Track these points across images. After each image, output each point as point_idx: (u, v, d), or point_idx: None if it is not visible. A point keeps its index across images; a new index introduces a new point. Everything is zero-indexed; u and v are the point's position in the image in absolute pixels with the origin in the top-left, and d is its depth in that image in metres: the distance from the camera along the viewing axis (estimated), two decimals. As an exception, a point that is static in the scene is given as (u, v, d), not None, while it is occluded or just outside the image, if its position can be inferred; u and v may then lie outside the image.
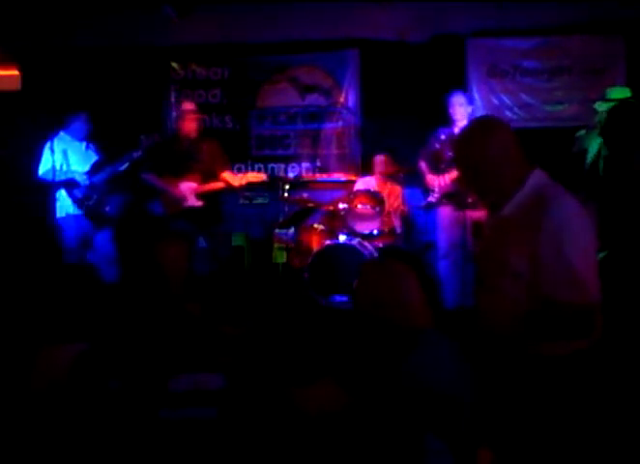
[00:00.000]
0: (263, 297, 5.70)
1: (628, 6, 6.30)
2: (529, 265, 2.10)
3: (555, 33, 6.66)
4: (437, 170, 5.44)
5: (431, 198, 5.43)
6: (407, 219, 5.98)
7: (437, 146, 5.47)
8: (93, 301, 2.26)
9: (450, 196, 5.31)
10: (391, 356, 1.94)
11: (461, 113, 5.38)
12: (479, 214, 4.87)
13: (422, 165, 5.57)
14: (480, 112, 6.02)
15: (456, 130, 5.38)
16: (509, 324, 2.14)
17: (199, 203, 5.28)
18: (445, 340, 2.05)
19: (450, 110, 5.43)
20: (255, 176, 5.62)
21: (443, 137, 5.47)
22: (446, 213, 5.41)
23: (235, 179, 5.40)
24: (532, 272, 2.10)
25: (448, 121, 5.51)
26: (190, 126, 5.38)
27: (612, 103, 4.91)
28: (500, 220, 2.25)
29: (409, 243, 5.94)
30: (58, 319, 2.19)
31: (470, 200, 5.03)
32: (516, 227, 2.16)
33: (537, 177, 2.20)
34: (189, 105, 5.55)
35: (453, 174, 5.24)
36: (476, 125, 2.42)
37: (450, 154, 5.35)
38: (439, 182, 5.37)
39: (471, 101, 5.66)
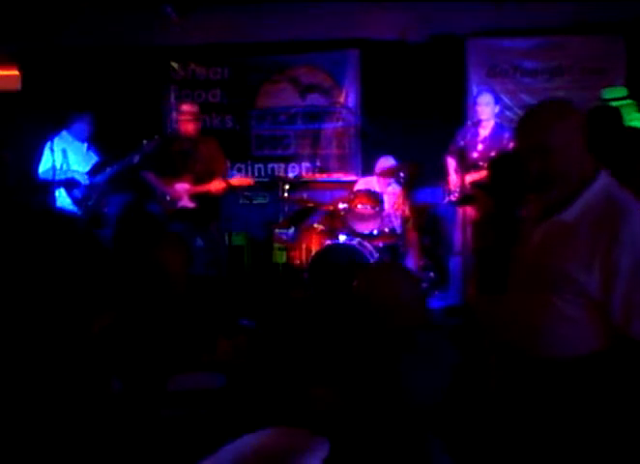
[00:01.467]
0: (263, 297, 5.70)
1: (628, 6, 6.30)
2: (600, 283, 1.86)
3: (555, 33, 6.66)
4: (462, 167, 5.45)
5: (452, 197, 5.45)
6: (430, 217, 5.99)
7: (462, 143, 5.48)
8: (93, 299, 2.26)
9: (468, 198, 5.33)
10: (389, 355, 1.94)
11: (487, 112, 5.40)
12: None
13: (450, 162, 5.57)
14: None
15: (481, 130, 5.41)
16: (568, 347, 1.93)
17: (192, 205, 5.29)
18: (441, 340, 2.05)
19: (477, 108, 5.45)
20: (239, 180, 5.63)
21: (468, 135, 5.48)
22: (463, 212, 5.43)
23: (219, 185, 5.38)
24: (601, 291, 1.86)
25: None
26: (187, 127, 5.37)
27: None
28: (559, 226, 1.97)
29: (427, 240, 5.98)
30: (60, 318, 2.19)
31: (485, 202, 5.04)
32: (585, 238, 1.89)
33: (606, 179, 1.95)
34: (186, 106, 5.50)
35: (475, 175, 5.27)
36: (544, 107, 2.10)
37: (474, 154, 5.36)
38: (460, 182, 5.40)
39: (497, 100, 5.65)
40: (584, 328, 1.92)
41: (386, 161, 6.05)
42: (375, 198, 5.60)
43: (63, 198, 5.55)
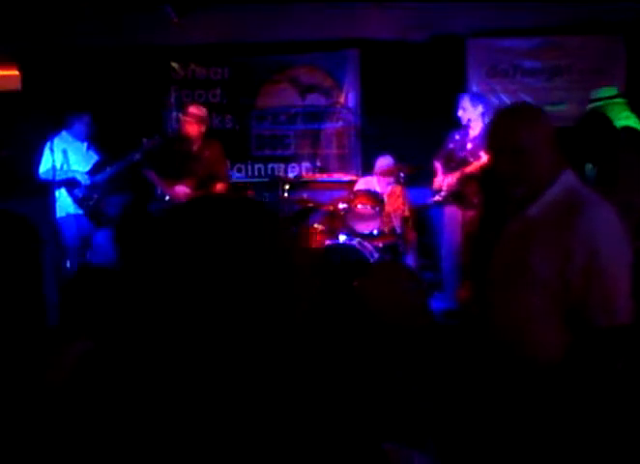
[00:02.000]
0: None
1: (628, 6, 6.30)
2: (557, 275, 1.93)
3: (555, 33, 6.67)
4: (448, 169, 5.46)
5: (438, 197, 5.45)
6: (414, 218, 5.98)
7: (451, 146, 5.48)
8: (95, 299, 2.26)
9: (456, 196, 5.33)
10: (389, 354, 1.94)
11: (467, 116, 5.37)
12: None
13: (437, 165, 5.58)
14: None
15: (471, 131, 5.39)
16: (535, 339, 1.99)
17: None
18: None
19: (458, 114, 5.44)
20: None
21: (457, 137, 5.47)
22: (451, 213, 5.43)
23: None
24: (561, 283, 1.93)
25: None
26: (189, 129, 5.35)
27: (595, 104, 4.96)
28: (525, 221, 2.07)
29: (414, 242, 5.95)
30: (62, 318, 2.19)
31: (475, 200, 5.06)
32: (545, 231, 1.99)
33: (568, 177, 2.04)
34: (193, 109, 5.45)
35: (460, 173, 5.28)
36: (511, 109, 2.25)
37: (462, 153, 5.36)
38: (446, 181, 5.39)
39: (479, 99, 5.59)
40: (554, 321, 1.97)
41: (384, 161, 6.05)
42: (375, 198, 5.60)
43: (64, 198, 5.56)
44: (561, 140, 2.08)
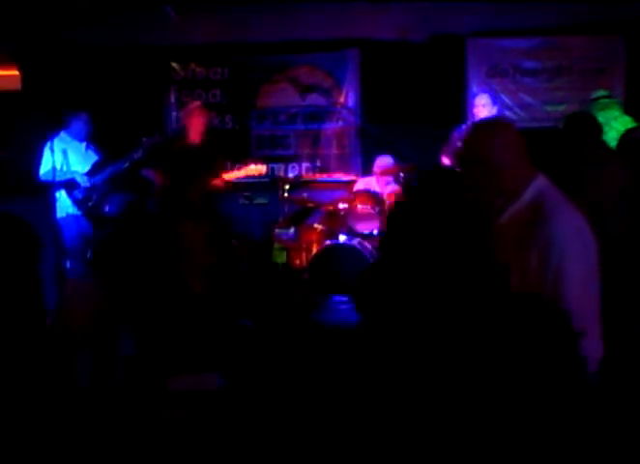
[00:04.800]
0: (263, 297, 5.70)
1: (628, 6, 6.31)
2: (519, 283, 1.96)
3: (555, 33, 6.67)
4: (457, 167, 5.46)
5: None
6: None
7: (459, 143, 5.48)
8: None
9: None
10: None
11: (484, 114, 5.39)
12: None
13: (445, 161, 5.58)
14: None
15: None
16: None
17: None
18: None
19: (474, 110, 5.46)
20: (255, 169, 5.62)
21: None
22: None
23: (233, 174, 5.47)
24: (519, 287, 1.96)
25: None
26: (198, 121, 5.37)
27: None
28: (496, 229, 2.11)
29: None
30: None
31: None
32: (510, 239, 2.04)
33: (538, 184, 2.09)
34: (197, 103, 5.75)
35: None
36: (481, 125, 2.33)
37: None
38: None
39: (496, 101, 5.66)
40: None
41: (384, 161, 6.06)
42: (375, 198, 5.61)
43: (64, 198, 5.56)
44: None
